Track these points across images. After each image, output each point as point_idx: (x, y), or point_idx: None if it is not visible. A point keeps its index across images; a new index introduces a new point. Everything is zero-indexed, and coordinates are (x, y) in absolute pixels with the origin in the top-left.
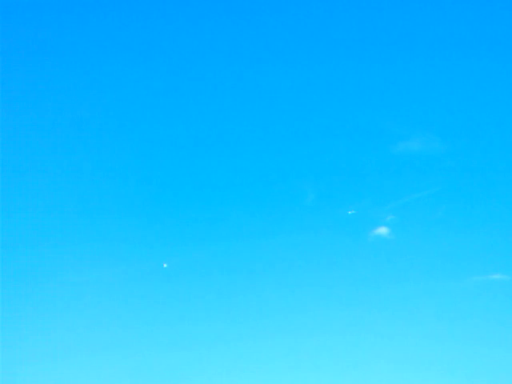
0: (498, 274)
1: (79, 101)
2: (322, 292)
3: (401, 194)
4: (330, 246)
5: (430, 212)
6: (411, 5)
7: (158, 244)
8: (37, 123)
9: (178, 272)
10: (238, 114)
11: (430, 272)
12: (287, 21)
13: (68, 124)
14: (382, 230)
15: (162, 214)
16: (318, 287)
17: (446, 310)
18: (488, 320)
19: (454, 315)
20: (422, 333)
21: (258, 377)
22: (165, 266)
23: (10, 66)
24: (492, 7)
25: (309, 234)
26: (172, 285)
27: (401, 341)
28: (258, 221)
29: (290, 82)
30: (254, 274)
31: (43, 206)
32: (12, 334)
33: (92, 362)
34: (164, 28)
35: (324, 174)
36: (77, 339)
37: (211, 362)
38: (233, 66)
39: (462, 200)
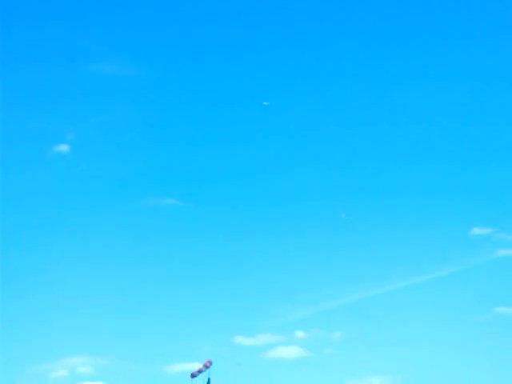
0: (170, 198)
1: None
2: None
3: (87, 114)
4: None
5: (115, 134)
6: None
7: None
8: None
9: None
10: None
11: (104, 194)
12: None
13: None
14: (63, 148)
15: None
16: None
17: (125, 230)
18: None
19: (132, 235)
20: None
21: None
22: None
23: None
24: None
25: None
26: None
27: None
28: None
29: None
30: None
31: None
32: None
33: None
34: None
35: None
36: None
37: None
38: None
39: (152, 125)
